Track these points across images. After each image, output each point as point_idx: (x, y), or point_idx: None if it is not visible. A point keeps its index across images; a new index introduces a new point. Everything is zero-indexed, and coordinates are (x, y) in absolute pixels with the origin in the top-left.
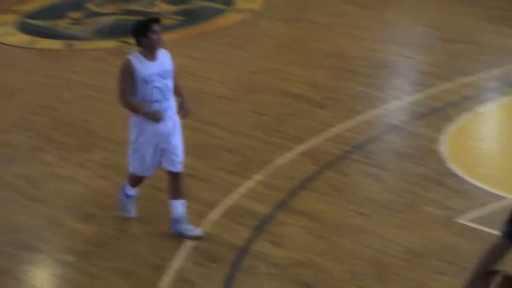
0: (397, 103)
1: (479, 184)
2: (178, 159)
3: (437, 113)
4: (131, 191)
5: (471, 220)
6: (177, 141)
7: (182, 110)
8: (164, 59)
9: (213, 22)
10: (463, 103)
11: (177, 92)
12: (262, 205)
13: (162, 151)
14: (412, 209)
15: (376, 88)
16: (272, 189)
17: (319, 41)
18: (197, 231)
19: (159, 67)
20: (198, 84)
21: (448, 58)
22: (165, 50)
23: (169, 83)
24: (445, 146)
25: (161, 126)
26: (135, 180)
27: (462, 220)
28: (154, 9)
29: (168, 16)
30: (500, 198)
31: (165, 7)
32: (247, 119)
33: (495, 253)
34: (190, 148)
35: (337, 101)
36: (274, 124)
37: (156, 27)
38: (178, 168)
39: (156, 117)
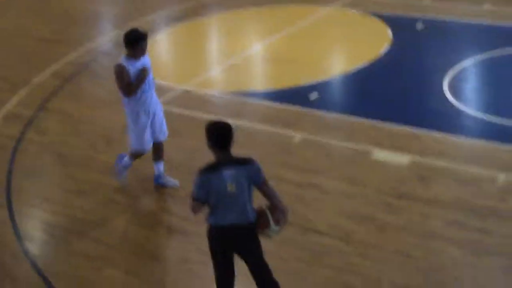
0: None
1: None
2: (164, 130)
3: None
4: (129, 161)
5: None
6: (161, 117)
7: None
8: (145, 58)
9: None
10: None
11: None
12: (28, 109)
13: (152, 126)
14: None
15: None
16: (34, 97)
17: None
18: (173, 181)
19: (142, 65)
20: None
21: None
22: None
23: (150, 76)
24: None
25: (151, 107)
26: (135, 156)
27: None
28: None
29: None
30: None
31: None
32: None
33: (195, 207)
34: None
35: (66, 43)
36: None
37: (144, 45)
38: (165, 137)
39: (143, 72)
